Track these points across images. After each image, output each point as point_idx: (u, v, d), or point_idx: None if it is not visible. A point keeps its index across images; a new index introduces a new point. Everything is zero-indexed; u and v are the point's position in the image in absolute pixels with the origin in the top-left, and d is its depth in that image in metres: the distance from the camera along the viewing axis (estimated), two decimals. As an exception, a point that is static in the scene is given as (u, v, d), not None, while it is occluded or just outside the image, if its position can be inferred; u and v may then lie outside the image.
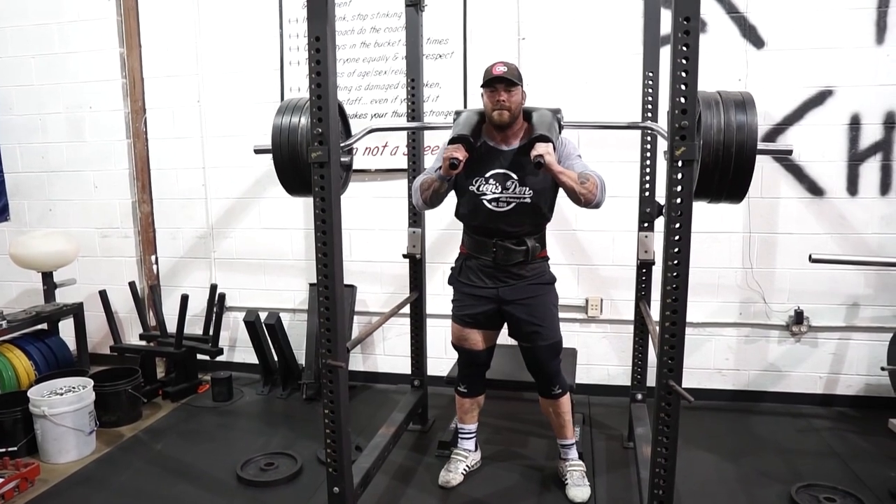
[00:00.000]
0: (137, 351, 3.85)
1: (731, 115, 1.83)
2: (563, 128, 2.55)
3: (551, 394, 2.61)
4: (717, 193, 1.93)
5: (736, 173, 1.84)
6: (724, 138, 1.82)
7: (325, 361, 2.04)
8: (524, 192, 2.42)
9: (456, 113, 2.65)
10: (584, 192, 2.31)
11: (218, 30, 3.84)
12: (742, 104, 1.85)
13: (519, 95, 2.42)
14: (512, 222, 2.45)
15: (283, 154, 2.29)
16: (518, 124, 2.47)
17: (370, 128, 2.65)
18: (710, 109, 1.85)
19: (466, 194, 2.49)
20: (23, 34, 4.03)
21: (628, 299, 3.15)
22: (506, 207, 2.43)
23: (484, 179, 2.45)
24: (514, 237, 2.48)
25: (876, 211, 3.28)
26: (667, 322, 1.81)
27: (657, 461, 1.90)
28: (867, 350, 3.39)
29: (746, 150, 1.83)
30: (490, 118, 2.44)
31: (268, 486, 2.70)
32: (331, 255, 1.98)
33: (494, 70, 2.37)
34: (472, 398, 2.75)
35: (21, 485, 2.66)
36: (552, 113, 2.50)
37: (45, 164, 4.16)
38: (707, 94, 1.89)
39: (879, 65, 3.17)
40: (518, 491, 2.66)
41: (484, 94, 2.43)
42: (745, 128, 1.82)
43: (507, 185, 2.43)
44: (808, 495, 2.51)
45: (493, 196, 2.44)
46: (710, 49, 3.22)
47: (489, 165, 2.45)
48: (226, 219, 4.02)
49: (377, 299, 3.86)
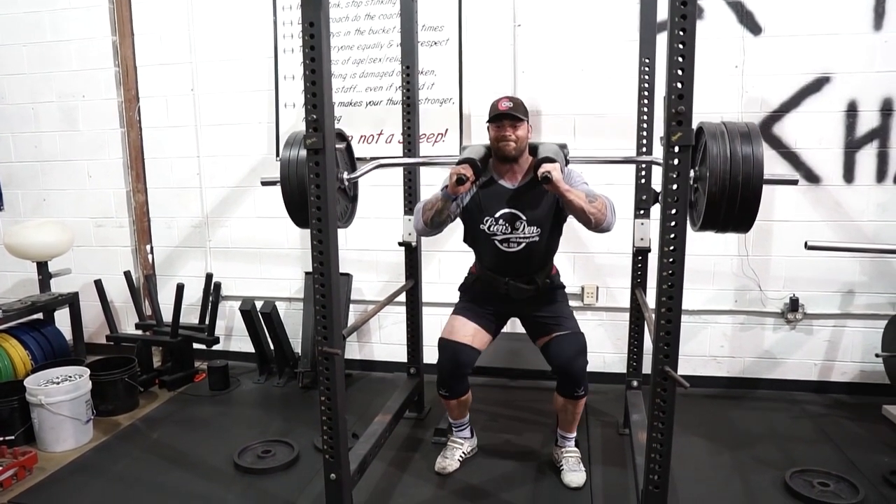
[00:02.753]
0: (133, 340, 3.84)
1: (736, 146, 1.81)
2: (569, 162, 2.60)
3: (574, 395, 2.53)
4: (724, 224, 1.90)
5: (743, 204, 1.83)
6: (730, 169, 1.80)
7: (322, 349, 2.03)
8: (533, 231, 2.49)
9: (462, 147, 2.71)
10: (593, 212, 2.33)
11: (211, 17, 3.81)
12: (748, 135, 1.84)
13: (525, 130, 2.47)
14: (522, 261, 2.54)
15: (291, 187, 2.28)
16: (524, 159, 2.52)
17: (377, 163, 2.69)
18: (715, 140, 1.84)
19: (477, 233, 2.57)
20: (14, 22, 3.99)
21: (624, 287, 3.15)
22: (516, 248, 2.51)
23: (494, 220, 2.51)
24: (524, 276, 2.57)
25: (872, 198, 3.28)
26: (663, 308, 1.81)
27: (652, 446, 1.90)
28: (862, 337, 3.41)
29: (753, 181, 1.81)
30: (496, 151, 2.49)
31: (265, 474, 2.71)
32: (326, 243, 1.98)
33: (500, 105, 2.42)
34: (455, 399, 2.68)
35: (19, 473, 2.66)
36: (558, 146, 2.55)
37: (38, 153, 4.14)
38: (712, 125, 1.90)
39: (877, 51, 3.16)
40: (514, 477, 2.67)
41: (490, 128, 2.48)
42: (752, 159, 1.81)
43: (516, 225, 2.50)
44: (803, 480, 2.53)
45: (503, 237, 2.51)
46: (706, 35, 3.21)
47: (499, 205, 2.51)
48: (221, 208, 4.01)
49: (373, 288, 3.86)
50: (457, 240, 2.85)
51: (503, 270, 2.57)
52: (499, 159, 2.51)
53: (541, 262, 2.58)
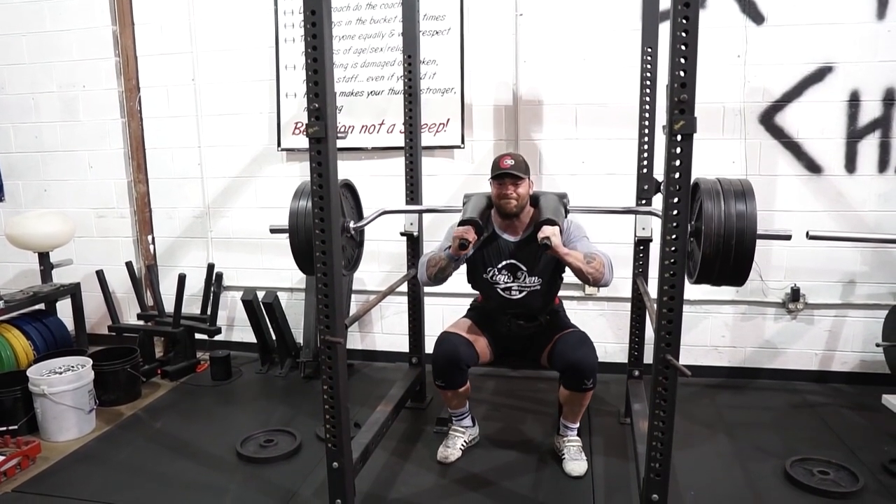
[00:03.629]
0: (135, 330, 3.86)
1: (731, 205, 1.88)
2: (569, 211, 2.66)
3: (582, 387, 2.51)
4: (718, 279, 1.98)
5: (736, 260, 1.89)
6: (724, 228, 1.87)
7: (324, 338, 2.04)
8: (534, 281, 2.59)
9: (465, 196, 2.75)
10: (590, 272, 2.41)
11: (212, 6, 3.79)
12: (742, 193, 1.90)
13: (525, 187, 2.53)
14: (524, 306, 2.63)
15: (299, 237, 2.35)
16: (525, 213, 2.61)
17: (382, 210, 2.75)
18: (710, 199, 1.90)
19: (481, 281, 2.67)
20: (14, 11, 3.97)
21: (625, 276, 3.15)
22: (518, 296, 2.61)
23: (497, 270, 2.62)
24: (527, 316, 2.66)
25: (874, 188, 3.28)
26: (665, 297, 1.81)
27: (654, 435, 1.91)
28: (863, 327, 3.41)
29: (746, 238, 1.87)
30: (498, 207, 2.58)
31: (267, 463, 2.72)
32: (329, 231, 1.98)
33: (502, 164, 2.48)
34: (452, 390, 2.67)
35: (22, 462, 2.68)
36: (558, 198, 2.62)
37: (39, 144, 4.13)
38: (708, 182, 1.96)
39: (880, 40, 3.14)
40: (516, 465, 2.68)
41: (492, 185, 2.56)
42: (745, 216, 1.87)
43: (517, 275, 2.60)
44: (803, 469, 2.54)
45: (505, 285, 2.62)
46: (709, 25, 3.19)
47: (500, 257, 2.61)
48: (222, 198, 4.01)
49: (374, 278, 3.86)
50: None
51: (506, 313, 2.67)
52: (500, 215, 2.60)
53: (542, 305, 2.67)
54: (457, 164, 3.62)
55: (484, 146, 3.58)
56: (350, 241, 2.61)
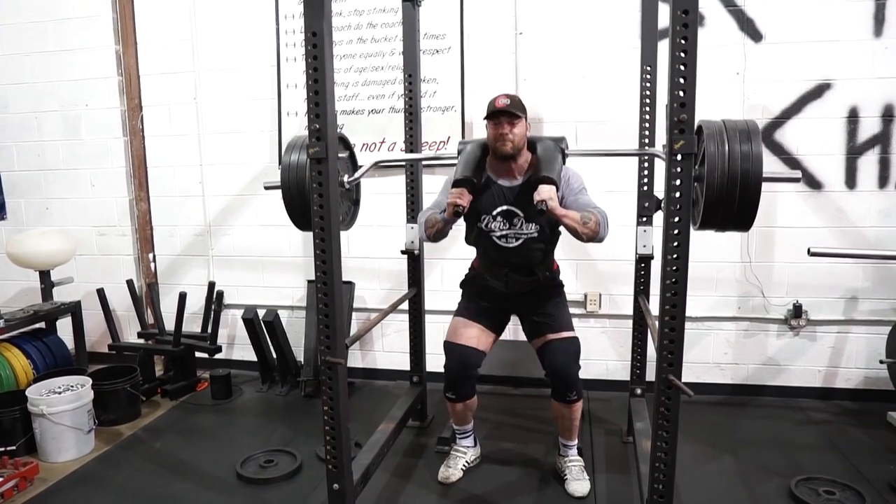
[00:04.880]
0: (136, 349, 3.84)
1: (735, 145, 1.80)
2: (567, 157, 2.55)
3: (566, 399, 2.53)
4: (723, 223, 1.90)
5: (742, 203, 1.82)
6: (728, 168, 1.79)
7: (324, 358, 2.03)
8: (531, 227, 2.48)
9: (460, 144, 2.67)
10: (586, 232, 2.34)
11: (214, 26, 3.83)
12: (747, 133, 1.83)
13: (522, 127, 2.43)
14: (521, 255, 2.52)
15: (292, 192, 2.31)
16: (522, 157, 2.49)
17: (375, 161, 2.70)
18: (714, 139, 1.83)
19: (476, 230, 2.55)
20: (18, 32, 4.01)
21: (627, 294, 3.15)
22: (514, 243, 2.50)
23: (491, 217, 2.50)
24: (524, 268, 2.55)
25: (874, 204, 3.28)
26: (666, 316, 1.80)
27: (657, 455, 1.89)
28: (866, 343, 3.40)
29: (752, 179, 1.80)
30: (494, 150, 2.46)
31: (267, 484, 2.70)
32: (329, 251, 1.98)
33: (497, 103, 2.38)
34: (462, 402, 2.66)
35: (20, 484, 2.66)
36: (556, 143, 2.51)
37: (41, 162, 4.15)
38: (711, 123, 1.88)
39: (878, 57, 3.16)
40: (518, 486, 2.66)
41: (487, 126, 2.45)
42: (751, 157, 1.80)
43: (513, 221, 2.48)
44: (808, 489, 2.52)
45: (501, 233, 2.50)
46: (708, 43, 3.22)
47: (496, 203, 2.49)
48: (223, 216, 4.01)
49: (375, 296, 3.85)
50: (459, 248, 2.85)
51: (503, 264, 2.55)
52: (497, 157, 2.48)
53: (540, 256, 2.55)
54: (457, 181, 3.62)
55: (484, 163, 3.58)
56: (345, 196, 2.53)
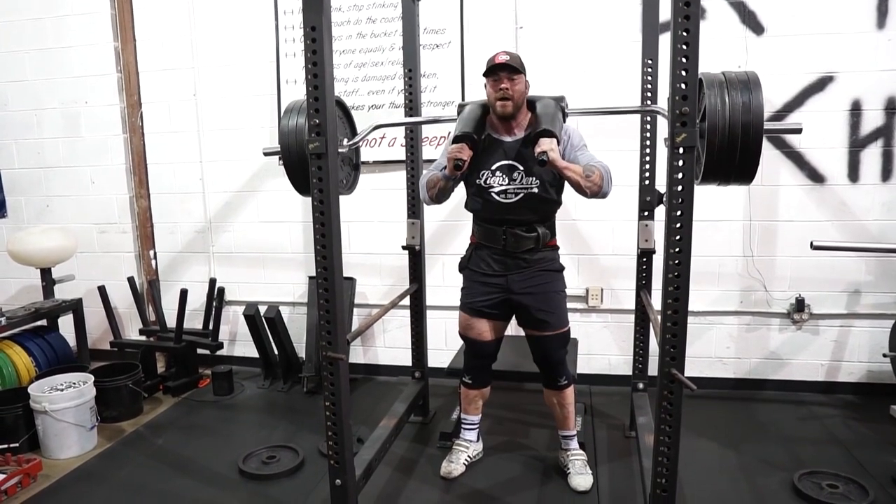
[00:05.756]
0: (137, 346, 3.84)
1: (735, 96, 1.78)
2: (567, 115, 2.53)
3: (556, 385, 2.60)
4: (726, 176, 1.88)
5: (743, 154, 1.80)
6: (729, 119, 1.77)
7: (326, 354, 2.03)
8: (531, 181, 2.40)
9: (459, 106, 2.62)
10: (589, 185, 2.29)
11: (213, 22, 3.81)
12: (747, 83, 1.81)
13: (522, 84, 2.39)
14: (521, 212, 2.44)
15: (291, 155, 2.32)
16: (522, 114, 2.45)
17: (375, 124, 2.65)
18: (714, 90, 1.81)
19: (474, 187, 2.48)
20: (17, 29, 3.99)
21: (629, 289, 3.14)
22: (514, 198, 2.42)
23: (490, 172, 2.43)
24: (524, 225, 2.47)
25: (877, 197, 3.26)
26: (669, 310, 1.80)
27: (660, 450, 1.89)
28: (868, 337, 3.39)
29: (753, 130, 1.78)
30: (493, 108, 2.41)
31: (270, 480, 2.70)
32: (330, 247, 1.97)
33: (497, 58, 2.35)
34: (477, 389, 2.72)
35: (23, 480, 2.66)
36: (556, 101, 2.47)
37: (41, 159, 4.14)
38: (711, 75, 1.86)
39: (880, 50, 3.14)
40: (520, 481, 2.66)
41: (487, 83, 2.40)
42: (751, 107, 1.77)
43: (513, 176, 2.41)
44: (811, 482, 2.51)
45: (500, 188, 2.42)
46: (709, 36, 3.19)
47: (494, 158, 2.43)
48: (224, 213, 4.01)
49: (377, 291, 3.85)
50: (460, 243, 2.84)
51: (501, 221, 2.47)
52: (497, 116, 2.43)
53: (542, 213, 2.49)
54: (458, 176, 3.61)
55: (485, 158, 3.57)
56: (346, 160, 2.52)
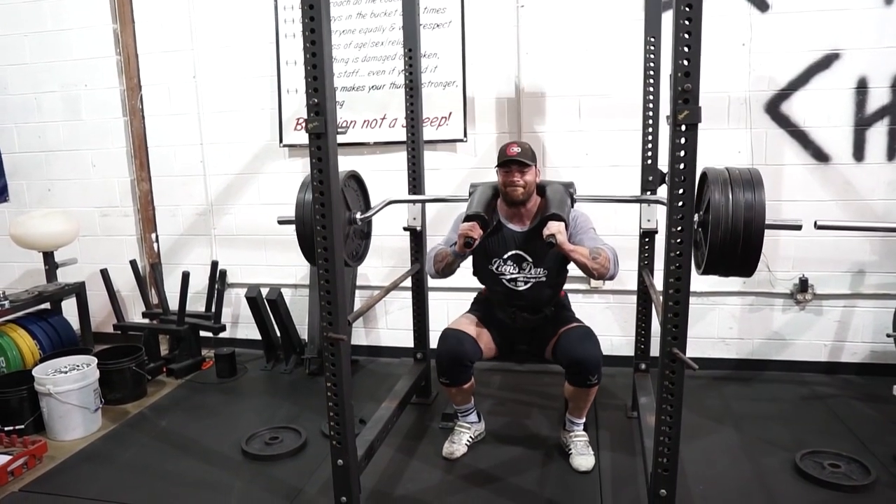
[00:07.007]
0: (140, 329, 3.85)
1: (739, 194, 1.86)
2: (575, 201, 2.66)
3: (587, 383, 2.49)
4: (727, 269, 1.97)
5: (744, 251, 1.87)
6: (732, 219, 1.85)
7: (327, 335, 2.03)
8: (539, 272, 2.58)
9: (471, 185, 2.76)
10: (596, 268, 2.42)
11: (212, 3, 3.77)
12: (750, 181, 1.89)
13: (532, 175, 2.54)
14: (529, 297, 2.62)
15: (305, 228, 2.37)
16: (532, 201, 2.60)
17: (388, 200, 2.82)
18: (718, 189, 1.88)
19: (486, 271, 2.66)
20: (15, 12, 3.96)
21: (631, 269, 3.13)
22: (523, 287, 2.60)
23: (502, 261, 2.61)
24: (531, 308, 2.65)
25: (882, 176, 3.23)
26: (671, 290, 1.79)
27: (661, 429, 1.89)
28: (872, 317, 3.37)
29: (755, 228, 1.85)
30: (504, 196, 2.57)
31: (273, 460, 2.72)
32: (330, 228, 1.96)
33: (509, 151, 2.49)
34: (456, 387, 2.64)
35: (29, 462, 2.68)
36: (565, 188, 2.61)
37: (42, 143, 4.13)
38: (715, 171, 1.94)
39: (887, 26, 3.09)
40: (522, 461, 2.67)
41: (498, 172, 2.56)
42: (754, 206, 1.85)
43: (523, 266, 2.59)
44: (813, 462, 2.52)
45: (511, 276, 2.61)
46: (713, 13, 3.14)
47: (506, 247, 2.60)
48: (225, 195, 4.00)
49: (378, 273, 3.85)
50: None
51: (511, 304, 2.65)
52: (507, 203, 2.58)
53: (548, 298, 2.65)
54: (459, 157, 3.59)
55: (486, 139, 3.55)
56: (357, 232, 2.60)
